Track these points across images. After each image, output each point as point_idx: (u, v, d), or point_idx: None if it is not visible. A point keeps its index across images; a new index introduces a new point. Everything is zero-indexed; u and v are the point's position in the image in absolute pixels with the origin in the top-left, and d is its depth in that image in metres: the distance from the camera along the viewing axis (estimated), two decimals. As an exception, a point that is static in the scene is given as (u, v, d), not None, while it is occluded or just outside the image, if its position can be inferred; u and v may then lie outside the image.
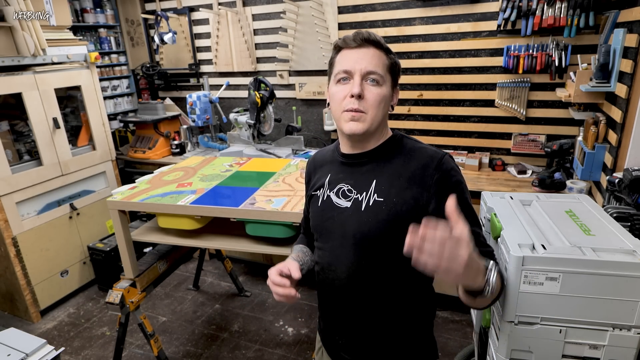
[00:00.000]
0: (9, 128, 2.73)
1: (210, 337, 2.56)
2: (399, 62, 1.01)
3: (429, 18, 2.70)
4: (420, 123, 2.93)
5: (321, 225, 1.06)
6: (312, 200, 1.11)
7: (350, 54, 0.96)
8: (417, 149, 1.01)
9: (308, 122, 3.36)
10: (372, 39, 0.95)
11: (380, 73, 0.94)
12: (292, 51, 3.19)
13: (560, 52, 2.33)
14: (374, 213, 0.96)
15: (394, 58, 0.99)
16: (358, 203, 0.99)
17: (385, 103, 0.97)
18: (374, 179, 0.99)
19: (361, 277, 0.99)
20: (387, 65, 0.96)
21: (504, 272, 1.11)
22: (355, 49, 0.95)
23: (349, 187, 1.02)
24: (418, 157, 0.99)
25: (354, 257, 0.99)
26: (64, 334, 2.65)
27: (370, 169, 1.01)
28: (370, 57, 0.94)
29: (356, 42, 0.95)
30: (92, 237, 3.10)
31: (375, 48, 0.95)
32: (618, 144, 1.79)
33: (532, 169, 2.60)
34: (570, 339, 1.16)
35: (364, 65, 0.93)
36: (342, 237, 1.00)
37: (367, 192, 0.99)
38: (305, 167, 1.21)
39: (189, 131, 3.48)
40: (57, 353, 1.55)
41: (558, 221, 1.31)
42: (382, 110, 0.97)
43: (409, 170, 0.97)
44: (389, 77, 0.97)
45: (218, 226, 2.01)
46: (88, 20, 3.54)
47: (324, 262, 1.06)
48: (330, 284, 1.05)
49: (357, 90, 0.93)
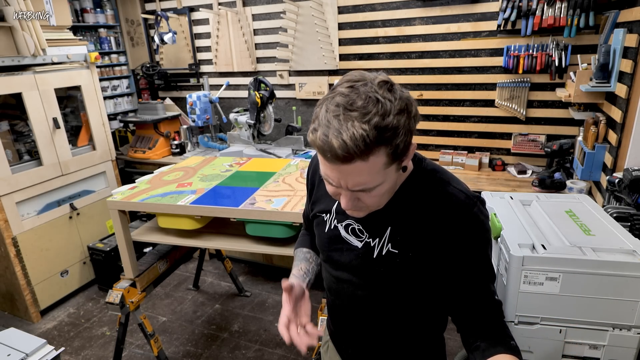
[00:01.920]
0: (9, 128, 2.73)
1: (210, 337, 2.56)
2: (410, 124, 0.70)
3: (429, 18, 2.70)
4: (421, 123, 2.90)
5: (328, 252, 0.97)
6: (317, 220, 0.99)
7: (329, 168, 0.71)
8: (445, 194, 0.82)
9: (308, 122, 3.36)
10: (352, 153, 0.64)
11: (374, 185, 0.72)
12: (292, 51, 3.19)
13: (560, 52, 2.33)
14: (386, 265, 0.86)
15: (401, 134, 0.68)
16: (369, 248, 0.87)
17: (390, 191, 0.79)
18: (389, 226, 0.85)
19: (371, 312, 0.94)
20: (386, 162, 0.69)
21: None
22: (334, 166, 0.69)
23: (359, 226, 0.89)
24: (445, 204, 0.81)
25: (361, 299, 0.93)
26: (64, 334, 2.64)
27: (385, 213, 0.85)
28: (358, 174, 0.69)
29: (334, 161, 0.67)
30: (92, 237, 3.10)
31: (363, 158, 0.66)
32: (618, 144, 1.79)
33: (532, 169, 2.60)
34: (570, 339, 1.16)
35: (350, 185, 0.71)
36: (350, 274, 0.92)
37: (380, 239, 0.86)
38: (309, 167, 1.06)
39: (189, 131, 3.48)
40: (57, 353, 1.55)
41: (558, 221, 1.32)
42: (387, 198, 0.81)
43: (431, 220, 0.81)
44: (390, 168, 0.72)
45: (218, 226, 2.01)
46: (88, 20, 3.54)
47: (331, 287, 1.00)
48: (337, 306, 1.01)
49: (348, 207, 0.77)
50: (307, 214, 1.14)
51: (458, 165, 2.74)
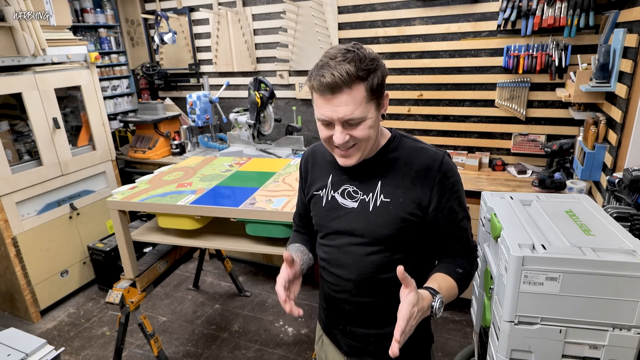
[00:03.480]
0: (9, 128, 2.73)
1: (210, 337, 2.56)
2: (381, 71, 0.92)
3: (429, 18, 2.70)
4: (421, 123, 2.93)
5: (327, 224, 1.08)
6: (314, 199, 1.12)
7: (323, 103, 0.91)
8: (418, 148, 1.03)
9: (308, 122, 3.36)
10: (340, 82, 0.87)
11: (359, 115, 0.90)
12: (292, 51, 3.19)
13: (560, 52, 2.33)
14: (382, 213, 1.00)
15: (374, 75, 0.90)
16: (365, 204, 1.02)
17: (374, 128, 0.96)
18: (379, 180, 1.03)
19: (369, 272, 1.03)
20: (366, 96, 0.90)
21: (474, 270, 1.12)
22: (327, 98, 0.90)
23: (354, 188, 1.05)
24: (420, 157, 1.02)
25: (363, 254, 1.02)
26: (64, 334, 2.65)
27: (374, 170, 1.03)
28: (345, 104, 0.89)
29: (326, 91, 0.89)
30: (92, 237, 3.10)
31: (347, 89, 0.88)
32: (618, 144, 1.79)
33: (532, 169, 2.60)
34: (570, 339, 1.16)
35: (340, 115, 0.90)
36: (350, 235, 1.04)
37: (373, 193, 1.02)
38: (302, 159, 1.21)
39: (189, 131, 3.48)
40: (57, 353, 1.55)
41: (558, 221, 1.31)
42: (373, 135, 0.96)
43: (413, 171, 1.01)
44: (371, 103, 0.92)
45: (218, 226, 2.01)
46: (88, 20, 3.54)
47: (332, 257, 1.08)
48: (338, 277, 1.08)
49: (341, 141, 0.93)
50: (299, 211, 1.27)
51: (458, 165, 2.73)
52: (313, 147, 1.21)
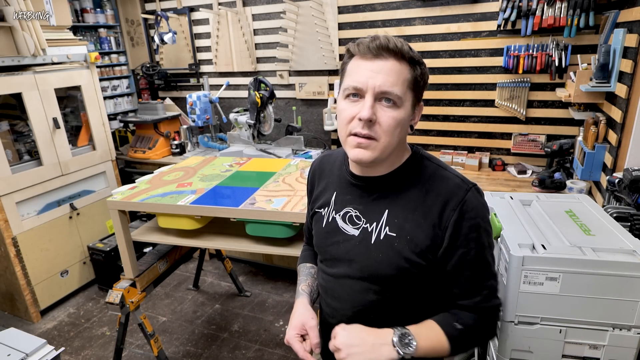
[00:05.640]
0: (9, 128, 2.73)
1: (210, 337, 2.56)
2: (426, 73, 0.84)
3: (429, 18, 2.70)
4: (421, 123, 2.93)
5: (325, 249, 0.98)
6: (316, 217, 1.02)
7: (363, 65, 0.80)
8: (440, 177, 0.87)
9: (308, 122, 3.36)
10: (392, 48, 0.78)
11: (398, 93, 0.78)
12: (292, 51, 3.19)
13: (560, 52, 2.33)
14: (384, 249, 0.86)
15: (420, 69, 0.82)
16: (367, 234, 0.89)
17: (402, 127, 0.82)
18: (386, 209, 0.88)
19: (364, 312, 0.93)
20: (408, 80, 0.80)
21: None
22: (370, 60, 0.79)
23: (357, 213, 0.91)
24: (439, 187, 0.86)
25: (358, 291, 0.92)
26: (64, 334, 2.64)
27: (382, 197, 0.89)
28: (387, 72, 0.78)
29: (372, 51, 0.78)
30: (92, 237, 3.10)
31: (395, 59, 0.78)
32: (618, 144, 1.79)
33: (532, 169, 2.60)
34: (570, 339, 1.16)
35: (378, 83, 0.78)
36: (348, 266, 0.93)
37: (377, 223, 0.88)
38: (309, 170, 1.10)
39: (189, 131, 3.48)
40: (57, 353, 1.55)
41: (558, 221, 1.32)
42: (397, 136, 0.82)
43: (427, 204, 0.85)
44: (410, 94, 0.81)
45: (218, 226, 2.01)
46: (88, 20, 3.54)
47: (328, 287, 0.99)
48: (334, 309, 0.99)
49: (367, 115, 0.78)
50: (308, 224, 1.14)
51: (458, 165, 2.74)
52: (321, 158, 1.09)
